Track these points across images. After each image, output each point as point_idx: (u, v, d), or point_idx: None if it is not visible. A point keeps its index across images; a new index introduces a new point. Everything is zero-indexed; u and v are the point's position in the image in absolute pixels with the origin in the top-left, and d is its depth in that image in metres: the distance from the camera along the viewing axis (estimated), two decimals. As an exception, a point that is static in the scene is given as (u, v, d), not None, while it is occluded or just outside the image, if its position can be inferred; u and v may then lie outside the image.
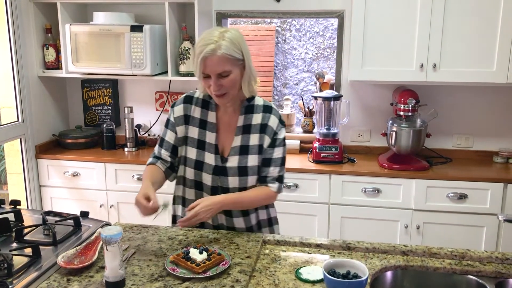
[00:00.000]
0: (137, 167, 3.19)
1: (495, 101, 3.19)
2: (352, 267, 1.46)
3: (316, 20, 3.81)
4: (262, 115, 1.82)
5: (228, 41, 1.66)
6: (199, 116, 1.84)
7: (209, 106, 1.84)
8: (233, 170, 1.79)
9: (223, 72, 1.67)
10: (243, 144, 1.81)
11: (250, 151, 1.80)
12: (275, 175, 1.83)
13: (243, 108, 1.82)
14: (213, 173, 1.80)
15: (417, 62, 2.90)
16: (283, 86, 3.99)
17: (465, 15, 2.81)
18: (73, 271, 1.54)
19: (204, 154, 1.81)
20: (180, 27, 3.28)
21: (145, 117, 3.61)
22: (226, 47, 1.64)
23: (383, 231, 2.96)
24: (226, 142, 1.83)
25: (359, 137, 3.40)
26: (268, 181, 1.82)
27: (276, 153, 1.82)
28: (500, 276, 1.61)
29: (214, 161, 1.80)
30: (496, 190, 2.82)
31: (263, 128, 1.81)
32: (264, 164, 1.82)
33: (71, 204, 3.30)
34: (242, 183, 1.81)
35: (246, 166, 1.80)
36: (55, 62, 3.37)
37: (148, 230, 1.87)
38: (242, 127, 1.82)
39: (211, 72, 1.67)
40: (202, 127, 1.83)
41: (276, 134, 1.82)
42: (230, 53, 1.65)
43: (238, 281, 1.49)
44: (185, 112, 1.84)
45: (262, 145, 1.81)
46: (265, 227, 1.96)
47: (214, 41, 1.64)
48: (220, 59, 1.65)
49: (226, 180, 1.80)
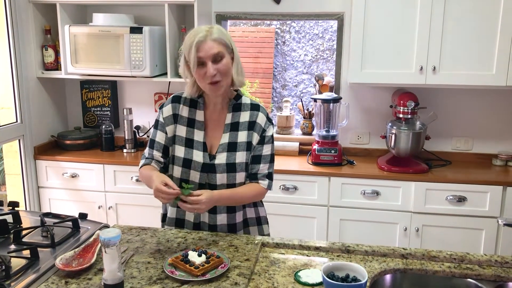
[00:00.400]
0: (135, 169, 3.16)
1: (494, 104, 3.19)
2: (351, 270, 1.46)
3: (315, 22, 3.82)
4: (250, 113, 1.87)
5: (217, 29, 1.76)
6: (187, 115, 1.87)
7: (197, 105, 1.88)
8: (221, 167, 1.81)
9: (218, 53, 1.72)
10: (231, 141, 1.84)
11: (238, 148, 1.83)
12: (265, 171, 1.87)
13: (230, 106, 1.87)
14: (202, 171, 1.82)
15: (416, 64, 2.90)
16: (282, 88, 3.99)
17: (465, 17, 2.81)
18: (71, 273, 1.53)
19: (192, 152, 1.83)
20: (180, 29, 3.28)
21: (144, 119, 3.61)
22: (217, 33, 1.74)
23: (382, 234, 2.96)
24: (214, 140, 1.85)
25: (359, 139, 3.40)
26: (259, 178, 1.86)
27: (265, 150, 1.87)
28: (499, 280, 1.61)
29: (203, 159, 1.82)
30: (495, 193, 2.82)
31: (251, 126, 1.85)
32: (253, 161, 1.86)
33: (70, 206, 3.29)
34: (230, 180, 1.83)
35: (234, 162, 1.82)
36: (54, 63, 3.37)
37: (146, 232, 1.86)
38: (230, 124, 1.85)
39: (206, 56, 1.71)
40: (190, 126, 1.86)
41: (265, 131, 1.87)
42: (221, 38, 1.74)
43: (237, 284, 1.48)
44: (174, 112, 1.87)
45: (251, 142, 1.85)
46: (253, 226, 1.96)
47: (204, 30, 1.73)
48: (213, 42, 1.72)
49: (214, 177, 1.82)
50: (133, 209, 3.23)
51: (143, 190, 3.18)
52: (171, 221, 1.93)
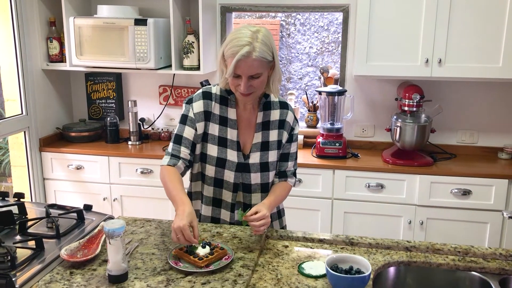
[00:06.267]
0: (140, 161, 3.19)
1: (500, 96, 3.17)
2: (355, 262, 1.46)
3: (321, 14, 3.79)
4: (280, 111, 1.87)
5: (261, 43, 1.64)
6: (219, 113, 1.82)
7: (229, 102, 1.82)
8: (256, 167, 1.82)
9: (255, 75, 1.67)
10: (264, 140, 1.83)
11: (270, 147, 1.84)
12: (292, 169, 1.92)
13: (261, 105, 1.84)
14: (236, 170, 1.81)
15: (422, 57, 2.89)
16: (287, 80, 3.98)
17: (471, 9, 2.79)
18: (76, 264, 1.54)
19: (226, 151, 1.81)
20: (184, 21, 3.27)
21: (149, 111, 3.61)
22: (260, 49, 1.63)
23: (386, 227, 2.96)
24: (247, 139, 1.84)
25: (363, 132, 3.39)
26: (288, 176, 1.90)
27: (293, 148, 1.90)
28: (504, 273, 1.61)
29: (237, 158, 1.81)
30: (500, 186, 2.81)
31: (282, 124, 1.86)
32: (282, 159, 1.89)
33: (75, 197, 3.31)
34: (264, 179, 1.85)
35: (267, 162, 1.83)
36: (59, 55, 3.37)
37: (151, 224, 1.87)
38: (262, 123, 1.84)
39: (243, 74, 1.66)
40: (222, 124, 1.81)
41: (293, 129, 1.89)
42: (264, 56, 1.64)
43: (240, 275, 1.49)
44: (206, 109, 1.80)
45: (281, 140, 1.86)
46: (275, 220, 1.98)
47: (248, 42, 1.62)
48: (254, 62, 1.63)
49: (248, 176, 1.82)
50: (138, 201, 3.24)
51: (148, 182, 3.19)
52: (206, 219, 1.91)
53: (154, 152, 3.25)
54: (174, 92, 3.55)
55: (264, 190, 1.87)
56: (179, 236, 1.50)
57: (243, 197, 1.85)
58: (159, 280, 1.45)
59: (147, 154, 3.22)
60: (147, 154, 3.22)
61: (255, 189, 1.85)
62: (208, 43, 3.21)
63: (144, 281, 1.45)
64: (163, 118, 3.61)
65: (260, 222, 1.64)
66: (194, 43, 3.16)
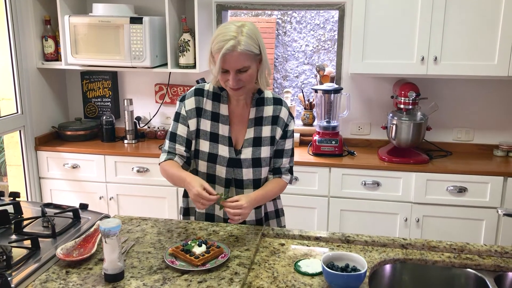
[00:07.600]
0: (136, 160, 3.19)
1: (496, 94, 3.18)
2: (351, 260, 1.47)
3: (317, 12, 3.79)
4: (273, 107, 1.86)
5: (247, 36, 1.65)
6: (211, 109, 1.83)
7: (221, 98, 1.84)
8: (247, 162, 1.82)
9: (242, 68, 1.67)
10: (256, 136, 1.83)
11: (263, 143, 1.83)
12: (287, 166, 1.91)
13: (254, 100, 1.84)
14: (227, 166, 1.82)
15: (418, 55, 2.89)
16: (283, 78, 3.98)
17: (467, 8, 2.79)
18: (72, 263, 1.54)
19: (217, 146, 1.82)
20: (180, 19, 3.26)
21: (145, 110, 3.60)
22: (245, 43, 1.64)
23: (383, 224, 2.97)
24: (239, 135, 1.84)
25: (359, 130, 3.39)
26: (282, 172, 1.89)
27: (288, 145, 1.89)
28: (499, 270, 1.61)
29: (228, 154, 1.81)
30: (496, 183, 2.82)
31: (275, 120, 1.85)
32: (277, 156, 1.88)
33: (71, 196, 3.30)
34: (256, 175, 1.85)
35: (260, 157, 1.83)
36: (54, 54, 3.36)
37: (147, 223, 1.87)
38: (254, 119, 1.84)
39: (230, 68, 1.67)
40: (214, 120, 1.83)
41: (287, 126, 1.88)
42: (249, 49, 1.65)
43: (237, 273, 1.49)
44: (197, 105, 1.82)
45: (274, 136, 1.85)
46: (272, 219, 1.98)
47: (233, 37, 1.63)
48: (240, 55, 1.64)
49: (240, 172, 1.82)
50: (134, 199, 3.24)
51: (144, 181, 3.19)
52: (201, 216, 1.92)
53: (150, 150, 3.25)
54: (170, 91, 3.54)
55: (256, 186, 1.87)
56: (202, 201, 1.61)
57: (235, 192, 1.85)
58: (155, 279, 1.45)
59: (143, 152, 3.21)
60: (143, 152, 3.21)
61: (248, 185, 1.85)
62: (204, 42, 3.21)
63: (140, 280, 1.45)
64: (159, 116, 3.60)
65: (235, 211, 1.65)
66: (190, 41, 3.15)
